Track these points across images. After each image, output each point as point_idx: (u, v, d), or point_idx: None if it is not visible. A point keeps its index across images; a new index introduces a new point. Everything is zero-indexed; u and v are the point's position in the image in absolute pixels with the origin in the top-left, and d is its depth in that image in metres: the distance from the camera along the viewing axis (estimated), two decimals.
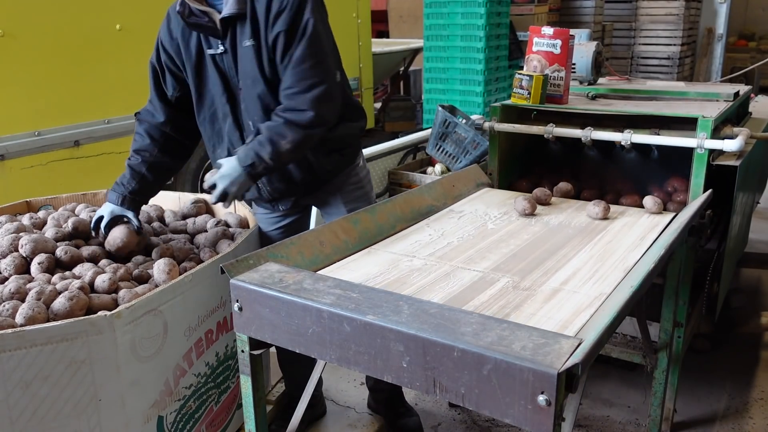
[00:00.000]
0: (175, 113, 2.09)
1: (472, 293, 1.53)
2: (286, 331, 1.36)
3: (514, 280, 1.60)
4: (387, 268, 1.68)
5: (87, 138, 3.53)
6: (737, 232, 2.65)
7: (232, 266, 1.49)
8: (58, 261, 1.90)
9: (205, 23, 1.88)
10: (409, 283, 1.59)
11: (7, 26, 3.12)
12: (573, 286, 1.56)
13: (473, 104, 4.73)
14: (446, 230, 1.98)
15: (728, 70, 7.64)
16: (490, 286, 1.57)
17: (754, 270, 3.68)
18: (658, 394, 2.27)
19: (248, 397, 1.51)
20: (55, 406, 1.56)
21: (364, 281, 1.59)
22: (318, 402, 2.52)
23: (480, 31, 4.60)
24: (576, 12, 6.59)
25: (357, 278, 1.60)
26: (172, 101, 2.08)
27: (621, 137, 2.29)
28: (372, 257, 1.77)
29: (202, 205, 2.42)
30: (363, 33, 5.70)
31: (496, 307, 1.45)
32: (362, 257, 1.78)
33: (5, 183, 3.19)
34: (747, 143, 2.22)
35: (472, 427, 2.48)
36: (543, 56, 2.52)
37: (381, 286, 1.56)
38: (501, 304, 1.47)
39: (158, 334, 1.74)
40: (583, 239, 1.89)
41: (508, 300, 1.49)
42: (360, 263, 1.74)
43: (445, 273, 1.65)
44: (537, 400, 1.06)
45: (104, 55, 3.57)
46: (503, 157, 2.61)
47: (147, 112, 2.12)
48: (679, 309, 2.22)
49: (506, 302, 1.48)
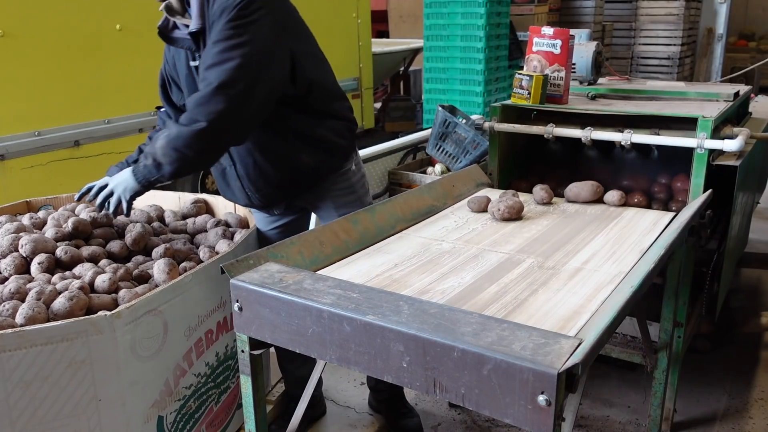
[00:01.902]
0: None
1: (501, 272, 1.65)
2: (286, 331, 1.36)
3: (538, 260, 1.73)
4: (419, 251, 1.81)
5: (87, 138, 3.54)
6: (737, 232, 2.65)
7: (232, 266, 1.49)
8: (58, 261, 1.90)
9: (183, 37, 1.89)
10: (442, 264, 1.71)
11: (7, 26, 3.12)
12: (593, 266, 1.69)
13: (473, 104, 4.73)
14: (470, 218, 2.10)
15: (728, 70, 7.64)
16: (517, 266, 1.69)
17: (754, 270, 3.68)
18: (658, 394, 2.27)
19: (248, 397, 1.51)
20: (55, 406, 1.56)
21: (400, 262, 1.72)
22: (318, 402, 2.52)
23: (480, 31, 4.60)
24: (576, 12, 6.59)
25: (393, 260, 1.74)
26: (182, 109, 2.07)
27: (621, 137, 2.29)
28: (404, 241, 1.89)
29: (202, 205, 2.42)
30: (363, 33, 5.70)
31: (524, 284, 1.57)
32: (394, 241, 1.90)
33: (5, 183, 3.19)
34: (747, 143, 2.22)
35: (472, 427, 2.48)
36: (543, 56, 2.52)
37: (417, 266, 1.70)
38: (529, 281, 1.59)
39: (158, 334, 1.74)
40: (599, 225, 2.01)
41: (535, 278, 1.61)
42: (393, 246, 1.85)
43: (473, 255, 1.77)
44: (537, 400, 1.06)
45: (104, 55, 3.57)
46: (503, 157, 2.61)
47: (164, 112, 2.16)
48: (679, 309, 2.22)
49: (533, 279, 1.60)
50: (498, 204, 2.06)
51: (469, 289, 1.55)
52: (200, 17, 1.80)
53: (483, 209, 2.12)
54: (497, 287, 1.55)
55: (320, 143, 2.00)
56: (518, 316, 1.40)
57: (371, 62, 5.86)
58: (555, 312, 1.42)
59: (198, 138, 1.72)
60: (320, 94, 1.96)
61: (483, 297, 1.50)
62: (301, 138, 1.97)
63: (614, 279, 1.59)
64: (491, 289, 1.55)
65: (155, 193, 2.53)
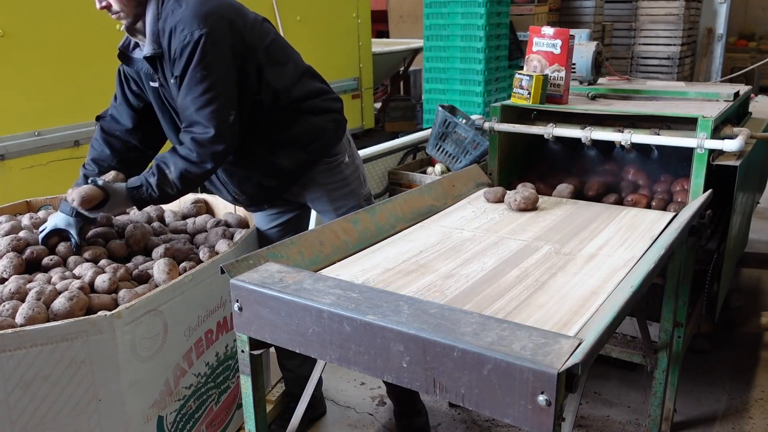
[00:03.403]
0: (141, 119, 2.09)
1: (521, 257, 1.73)
2: (286, 331, 1.36)
3: (555, 247, 1.81)
4: (442, 239, 1.88)
5: (87, 138, 3.53)
6: (737, 232, 2.65)
7: (232, 266, 1.49)
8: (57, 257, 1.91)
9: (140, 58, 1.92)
10: (464, 250, 1.79)
11: (7, 26, 3.12)
12: (608, 252, 1.77)
13: (473, 104, 4.74)
14: (487, 208, 2.18)
15: (728, 70, 7.64)
16: (535, 252, 1.77)
17: (754, 270, 3.68)
18: (658, 394, 2.27)
19: (248, 397, 1.51)
20: (55, 406, 1.57)
21: (424, 249, 1.80)
22: (318, 402, 2.52)
23: (480, 31, 4.60)
24: (576, 12, 6.59)
25: (418, 247, 1.81)
26: (138, 108, 2.08)
27: (621, 137, 2.29)
28: (426, 230, 1.97)
29: (202, 205, 2.42)
30: (363, 33, 5.70)
31: (543, 268, 1.66)
32: (416, 230, 1.97)
33: (5, 183, 3.19)
34: (747, 143, 2.22)
35: (472, 427, 2.48)
36: (543, 56, 2.52)
37: (441, 253, 1.77)
38: (548, 265, 1.67)
39: (158, 334, 1.74)
40: (610, 215, 2.09)
41: (553, 263, 1.69)
42: (416, 235, 1.93)
43: (493, 242, 1.85)
44: (537, 400, 1.06)
45: (104, 55, 3.56)
46: (503, 157, 2.61)
47: (111, 119, 2.12)
48: (679, 309, 2.22)
49: (552, 264, 1.68)
50: (514, 195, 2.13)
51: (491, 273, 1.63)
52: (154, 42, 1.85)
53: (499, 200, 2.19)
54: (518, 271, 1.64)
55: (298, 143, 2.02)
56: (540, 296, 1.49)
57: (371, 62, 5.86)
58: (574, 293, 1.51)
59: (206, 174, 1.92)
60: (287, 97, 1.98)
61: (506, 280, 1.59)
62: (276, 143, 2.00)
63: (628, 263, 1.68)
64: (513, 273, 1.63)
65: None
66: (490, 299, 1.48)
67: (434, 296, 1.49)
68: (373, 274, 1.63)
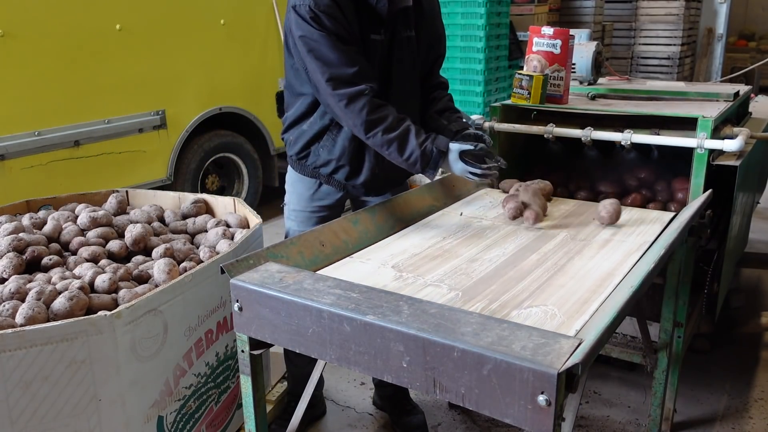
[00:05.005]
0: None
1: (540, 243, 1.83)
2: (286, 331, 1.36)
3: (570, 234, 1.92)
4: (463, 227, 1.98)
5: (87, 138, 3.54)
6: (737, 232, 2.65)
7: (232, 266, 1.49)
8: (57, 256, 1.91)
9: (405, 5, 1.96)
10: (485, 237, 1.89)
11: (7, 26, 3.12)
12: (621, 238, 1.88)
13: (473, 104, 4.74)
14: (502, 198, 2.21)
15: (728, 70, 7.65)
16: (552, 238, 1.88)
17: (754, 270, 3.68)
18: (658, 394, 2.27)
19: (248, 397, 1.51)
20: (55, 406, 1.57)
21: (447, 236, 1.89)
22: (318, 402, 2.52)
23: (480, 31, 4.61)
24: (576, 12, 6.60)
25: (441, 233, 1.91)
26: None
27: (621, 137, 2.29)
28: (446, 219, 2.07)
29: (202, 205, 2.42)
30: None
31: (561, 253, 1.75)
32: (438, 218, 2.07)
33: (5, 183, 3.19)
34: (747, 143, 2.22)
35: (472, 427, 2.48)
36: (543, 56, 2.52)
37: (463, 239, 1.87)
38: (565, 250, 1.77)
39: (158, 334, 1.74)
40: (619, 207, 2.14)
41: (570, 248, 1.79)
42: (438, 222, 2.03)
43: (512, 230, 1.95)
44: (537, 400, 1.06)
45: (104, 55, 3.57)
46: (503, 157, 2.59)
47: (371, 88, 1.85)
48: (679, 309, 2.22)
49: (569, 249, 1.78)
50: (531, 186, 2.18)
51: (513, 257, 1.73)
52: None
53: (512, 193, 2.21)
54: (538, 255, 1.74)
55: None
56: (561, 278, 1.59)
57: None
58: (592, 274, 1.61)
59: None
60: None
61: (527, 263, 1.68)
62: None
63: (641, 247, 1.78)
64: (533, 257, 1.72)
65: (155, 192, 2.53)
66: (514, 280, 1.57)
67: (461, 279, 1.59)
68: (402, 258, 1.73)
